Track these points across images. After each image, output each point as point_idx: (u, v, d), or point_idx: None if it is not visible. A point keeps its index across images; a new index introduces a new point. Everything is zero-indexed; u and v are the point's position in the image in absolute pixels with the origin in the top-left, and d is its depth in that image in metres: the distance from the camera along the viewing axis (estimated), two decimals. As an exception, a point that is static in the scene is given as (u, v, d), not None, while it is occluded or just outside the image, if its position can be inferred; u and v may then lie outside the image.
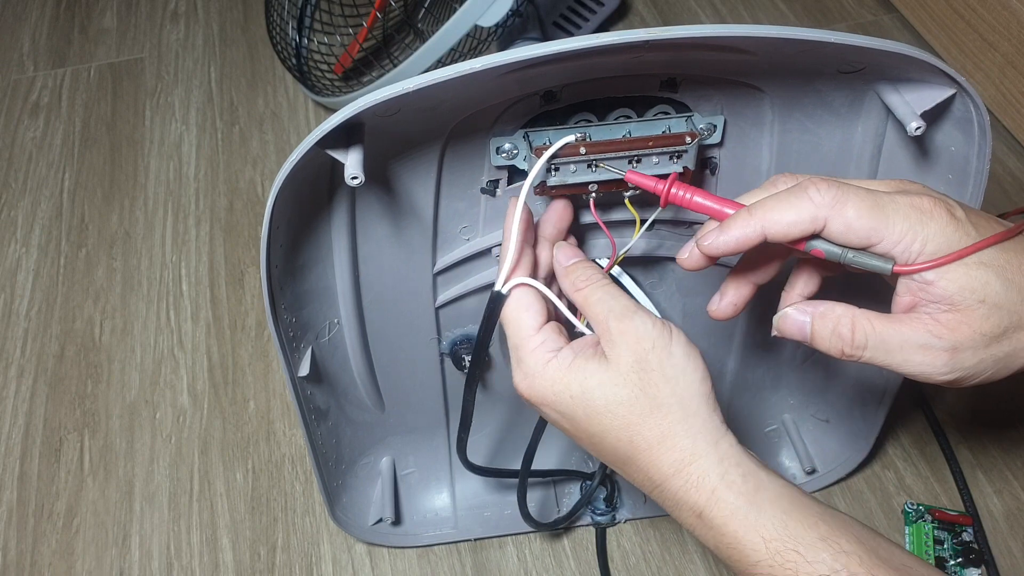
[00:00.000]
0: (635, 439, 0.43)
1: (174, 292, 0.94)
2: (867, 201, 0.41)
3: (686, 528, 0.44)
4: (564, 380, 0.45)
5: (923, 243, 0.40)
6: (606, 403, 0.44)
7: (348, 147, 0.44)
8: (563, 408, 0.45)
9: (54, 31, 1.28)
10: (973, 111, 0.47)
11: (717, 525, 0.42)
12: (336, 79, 1.12)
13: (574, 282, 0.48)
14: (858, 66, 0.47)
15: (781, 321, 0.46)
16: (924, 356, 0.41)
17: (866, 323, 0.42)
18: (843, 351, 0.43)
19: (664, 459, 0.43)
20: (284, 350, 0.55)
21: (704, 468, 0.42)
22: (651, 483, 0.44)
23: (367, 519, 0.72)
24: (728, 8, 1.21)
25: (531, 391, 0.46)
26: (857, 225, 0.41)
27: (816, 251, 0.42)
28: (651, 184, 0.47)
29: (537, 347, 0.46)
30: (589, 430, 0.45)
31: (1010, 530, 0.72)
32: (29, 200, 1.04)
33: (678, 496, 0.43)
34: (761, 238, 0.42)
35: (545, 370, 0.46)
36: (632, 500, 0.75)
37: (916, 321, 0.42)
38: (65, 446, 0.82)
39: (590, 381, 0.44)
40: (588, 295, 0.47)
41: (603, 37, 0.41)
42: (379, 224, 0.55)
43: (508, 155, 0.51)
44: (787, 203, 0.42)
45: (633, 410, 0.43)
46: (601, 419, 0.44)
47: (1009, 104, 0.97)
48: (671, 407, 0.43)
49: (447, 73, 0.41)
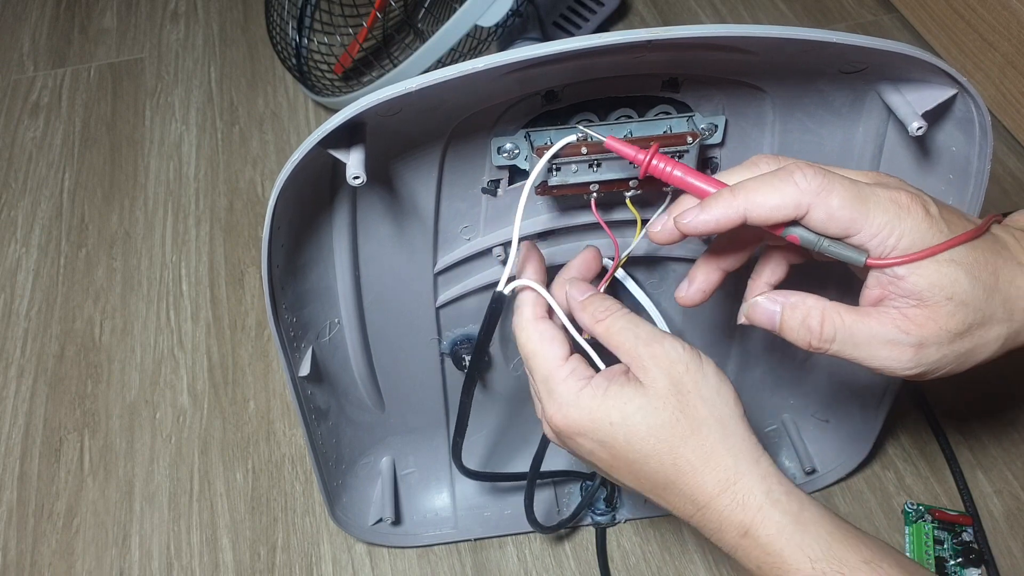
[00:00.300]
0: (678, 461, 0.43)
1: (174, 292, 0.94)
2: (851, 192, 0.41)
3: (727, 550, 0.43)
4: (602, 407, 0.44)
5: (898, 238, 0.41)
6: (648, 427, 0.43)
7: (350, 147, 0.44)
8: (601, 436, 0.44)
9: (54, 31, 1.28)
10: (974, 111, 0.47)
11: (763, 543, 0.41)
12: (336, 79, 1.12)
13: (593, 314, 0.47)
14: (860, 66, 0.47)
15: (751, 309, 0.46)
16: (890, 351, 0.42)
17: (835, 316, 0.43)
18: (811, 343, 0.43)
19: (708, 479, 0.42)
20: (285, 350, 0.55)
21: (748, 486, 0.42)
22: (694, 505, 0.43)
23: (367, 519, 0.72)
24: (728, 8, 1.21)
25: (567, 421, 0.45)
26: (839, 215, 0.41)
27: (792, 237, 0.42)
28: (631, 153, 0.45)
29: (567, 376, 0.45)
30: (629, 457, 0.44)
31: (1010, 530, 0.72)
32: (29, 200, 1.04)
33: (723, 516, 0.42)
34: (741, 220, 0.42)
35: (580, 398, 0.45)
36: (632, 500, 0.75)
37: (884, 316, 0.42)
38: (65, 446, 0.82)
39: (629, 406, 0.44)
40: (610, 325, 0.46)
41: (605, 37, 0.41)
42: (380, 224, 0.55)
43: (509, 155, 0.51)
44: (772, 186, 0.41)
45: (675, 432, 0.43)
46: (643, 444, 0.43)
47: (1009, 104, 0.97)
48: (711, 427, 0.43)
49: (449, 73, 0.41)
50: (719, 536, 0.43)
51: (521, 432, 0.73)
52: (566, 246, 0.58)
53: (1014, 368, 0.80)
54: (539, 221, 0.56)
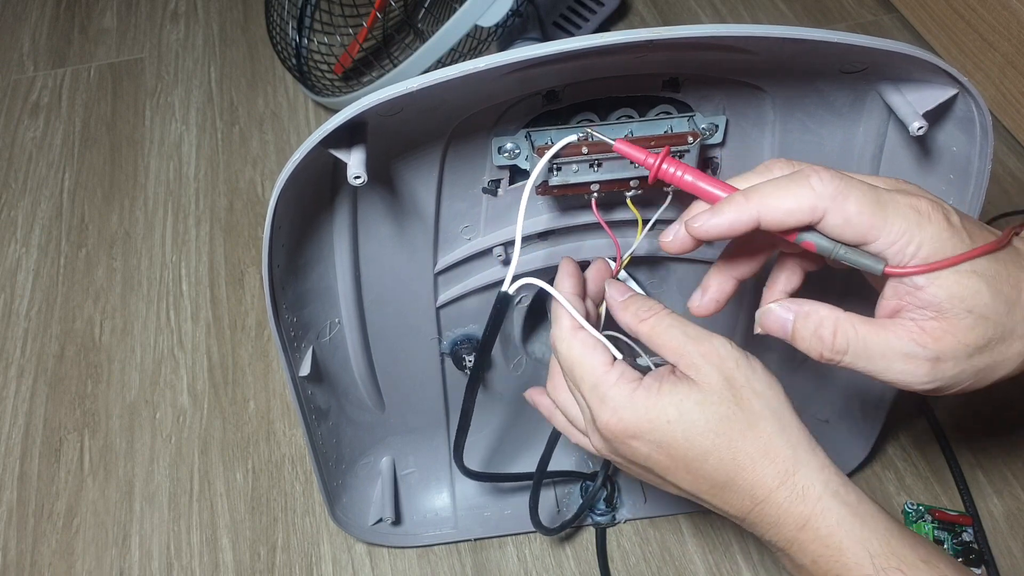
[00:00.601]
0: (738, 456, 0.42)
1: (174, 292, 0.94)
2: (869, 197, 0.40)
3: (781, 545, 0.43)
4: (658, 406, 0.43)
5: (918, 246, 0.39)
6: (706, 422, 0.42)
7: (351, 147, 0.44)
8: (659, 435, 0.43)
9: (54, 31, 1.28)
10: (975, 111, 0.47)
11: (822, 536, 0.41)
12: (336, 79, 1.12)
13: (636, 313, 0.46)
14: (860, 66, 0.47)
15: (764, 317, 0.45)
16: (906, 365, 0.41)
17: (849, 327, 0.42)
18: (822, 354, 0.42)
19: (768, 472, 0.42)
20: (285, 349, 0.55)
21: (808, 477, 0.41)
22: (752, 500, 0.43)
23: (367, 519, 0.72)
24: (728, 8, 1.21)
25: (623, 424, 0.44)
26: (856, 221, 0.39)
27: (807, 243, 0.41)
28: (641, 157, 0.44)
29: (617, 379, 0.44)
30: (688, 455, 0.43)
31: (1010, 530, 0.72)
32: (29, 200, 1.04)
33: (781, 509, 0.42)
34: (755, 224, 0.41)
35: (634, 400, 0.44)
36: (632, 500, 0.75)
37: (900, 328, 0.41)
38: (65, 446, 0.82)
39: (686, 403, 0.43)
40: (655, 324, 0.45)
41: (606, 37, 0.41)
42: (381, 224, 0.55)
43: (510, 155, 0.51)
44: (786, 190, 0.40)
45: (734, 427, 0.42)
46: (703, 440, 0.43)
47: (1009, 104, 0.97)
48: (768, 419, 0.42)
49: (450, 73, 0.41)
50: (775, 531, 0.42)
51: (522, 433, 0.73)
52: (567, 246, 0.58)
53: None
54: (540, 221, 0.56)
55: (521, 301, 0.63)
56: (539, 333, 0.69)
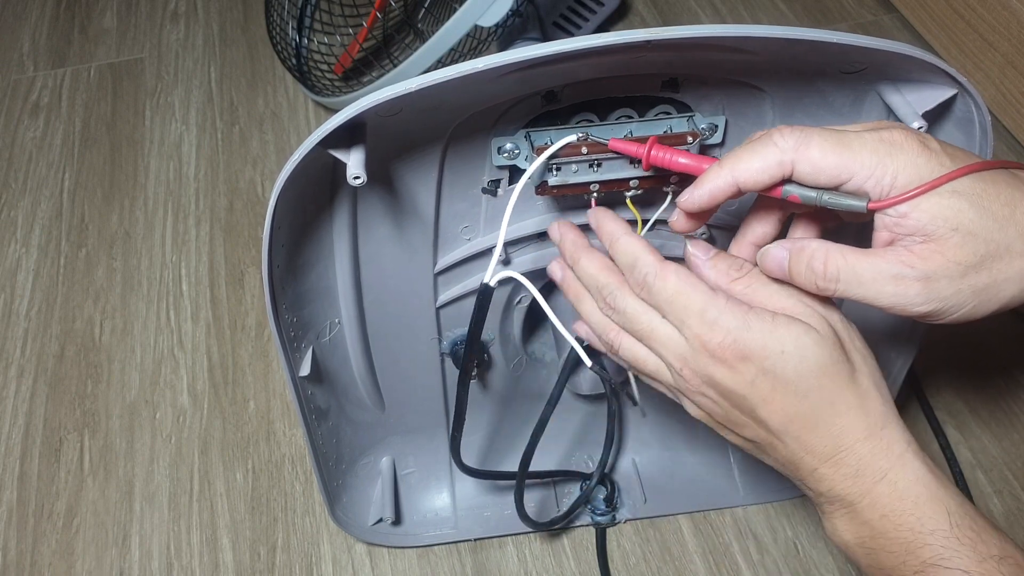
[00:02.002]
0: (836, 401, 0.44)
1: (174, 292, 0.94)
2: (831, 140, 0.41)
3: (849, 500, 0.44)
4: (774, 334, 0.43)
5: (893, 176, 0.40)
6: (818, 362, 0.43)
7: (350, 147, 0.44)
8: (771, 363, 0.43)
9: (54, 31, 1.28)
10: (975, 111, 0.47)
11: (900, 489, 0.42)
12: (336, 79, 1.12)
13: (727, 272, 0.47)
14: (860, 66, 0.47)
15: (763, 258, 0.46)
16: (896, 287, 0.41)
17: (839, 256, 0.43)
18: (816, 283, 0.43)
19: (860, 422, 0.43)
20: (285, 350, 0.55)
21: (895, 433, 0.44)
22: (836, 448, 0.44)
23: (367, 519, 0.72)
24: (728, 8, 1.21)
25: (737, 345, 0.44)
26: (823, 164, 0.41)
27: (792, 197, 0.43)
28: (633, 149, 0.48)
29: (727, 302, 0.45)
30: (791, 388, 0.44)
31: (1010, 530, 0.72)
32: (29, 200, 1.04)
33: (863, 460, 0.43)
34: (734, 188, 0.43)
35: (750, 323, 0.44)
36: (632, 500, 0.75)
37: (889, 252, 0.42)
38: (65, 446, 0.82)
39: (803, 339, 0.43)
40: (752, 280, 0.46)
41: (605, 37, 0.41)
42: (380, 224, 0.55)
43: (509, 155, 0.51)
44: (753, 151, 0.42)
45: (840, 372, 0.44)
46: (811, 378, 0.43)
47: (1009, 104, 0.97)
48: (866, 374, 0.44)
49: (449, 73, 0.41)
50: (851, 481, 0.44)
51: (523, 432, 0.73)
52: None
53: (1015, 367, 0.80)
54: (539, 221, 0.56)
55: (521, 302, 0.63)
56: (539, 333, 0.69)
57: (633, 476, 0.76)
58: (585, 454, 0.76)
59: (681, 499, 0.75)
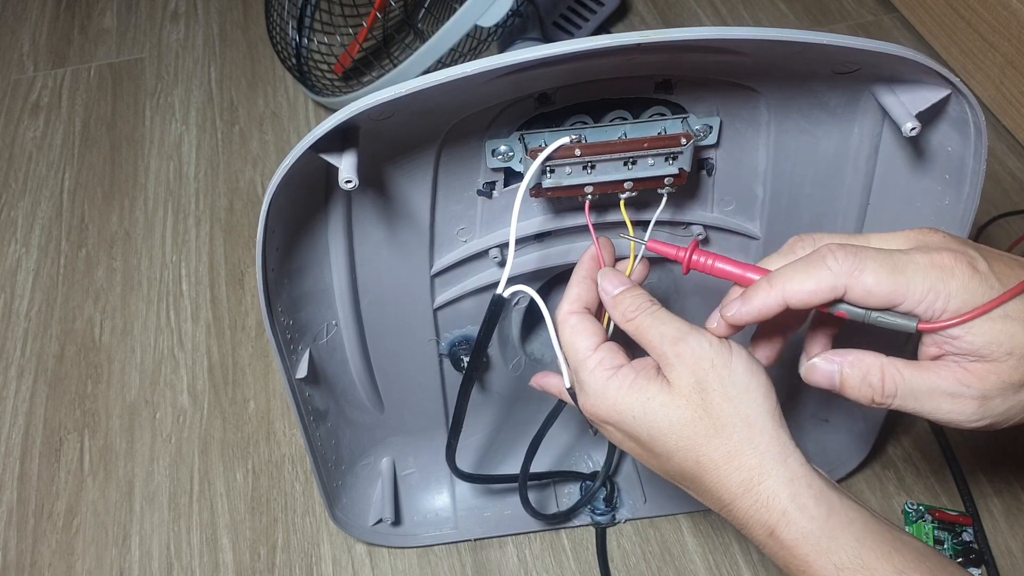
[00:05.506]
0: (701, 459, 0.43)
1: (174, 292, 0.94)
2: (885, 265, 0.41)
3: (757, 545, 0.44)
4: (626, 400, 0.45)
5: (946, 300, 0.40)
6: (669, 424, 0.44)
7: (343, 151, 0.44)
8: (627, 428, 0.45)
9: (54, 31, 1.28)
10: (968, 111, 0.47)
11: (788, 546, 0.42)
12: (336, 79, 1.12)
13: (624, 312, 0.47)
14: (853, 67, 0.47)
15: (809, 371, 0.46)
16: (953, 404, 0.41)
17: (895, 372, 0.43)
18: (873, 399, 0.43)
19: (732, 479, 0.43)
20: (281, 352, 0.55)
21: (773, 488, 0.42)
22: (719, 503, 0.44)
23: (367, 519, 0.72)
24: (728, 8, 1.21)
25: (594, 410, 0.46)
26: (877, 290, 0.41)
27: (840, 313, 0.43)
28: (672, 252, 0.48)
29: (595, 367, 0.46)
30: (654, 450, 0.45)
31: (1010, 530, 0.72)
32: (29, 200, 1.05)
33: (748, 515, 0.43)
34: (783, 306, 0.42)
35: (606, 388, 0.45)
36: (632, 500, 0.75)
37: (944, 369, 0.42)
38: (65, 446, 0.82)
39: (652, 403, 0.44)
40: (639, 323, 0.46)
41: (595, 40, 0.41)
42: (376, 227, 0.55)
43: (504, 157, 0.51)
44: (805, 272, 0.42)
45: (697, 431, 0.43)
46: (666, 440, 0.44)
47: (1009, 104, 0.97)
48: (735, 426, 0.43)
49: (440, 77, 0.41)
50: (748, 532, 0.44)
51: (521, 433, 0.73)
52: (562, 247, 0.58)
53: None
54: (535, 223, 0.56)
55: (519, 302, 0.63)
56: (537, 333, 0.69)
57: (633, 476, 0.76)
58: (584, 453, 0.76)
59: (681, 499, 0.75)
